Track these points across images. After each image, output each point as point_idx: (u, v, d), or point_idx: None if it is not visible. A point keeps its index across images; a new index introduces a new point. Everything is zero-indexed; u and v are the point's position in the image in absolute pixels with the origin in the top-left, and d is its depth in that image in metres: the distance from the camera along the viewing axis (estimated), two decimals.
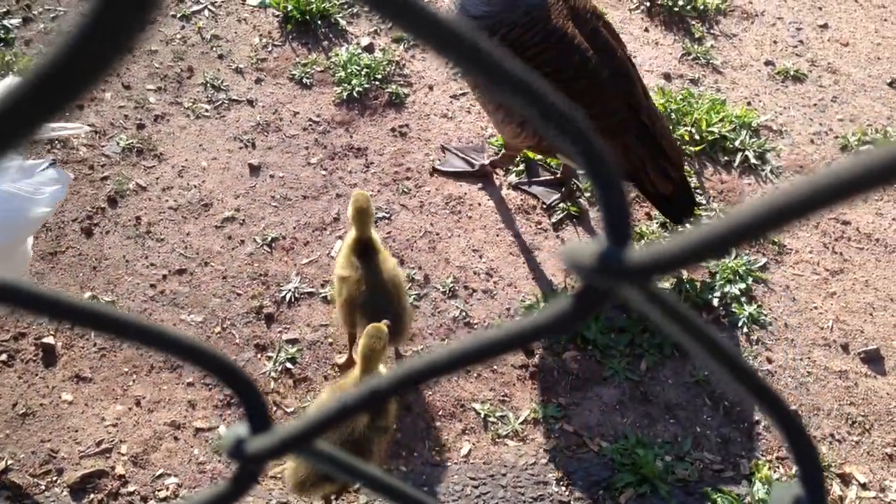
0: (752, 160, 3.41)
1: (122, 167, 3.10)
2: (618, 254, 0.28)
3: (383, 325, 2.25)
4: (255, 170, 3.17)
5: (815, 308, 3.01)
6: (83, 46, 0.23)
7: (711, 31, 3.92)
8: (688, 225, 3.02)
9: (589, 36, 2.68)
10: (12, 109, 0.24)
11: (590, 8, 2.76)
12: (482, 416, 2.64)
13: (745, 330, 2.91)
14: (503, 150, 3.16)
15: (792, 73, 3.76)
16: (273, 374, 2.66)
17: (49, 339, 2.64)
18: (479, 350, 0.33)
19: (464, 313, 2.88)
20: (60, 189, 2.19)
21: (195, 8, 3.62)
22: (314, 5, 3.65)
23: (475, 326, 2.85)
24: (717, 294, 2.96)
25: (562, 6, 2.67)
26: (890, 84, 3.77)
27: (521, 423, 2.64)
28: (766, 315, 2.96)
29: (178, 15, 3.60)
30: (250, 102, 3.37)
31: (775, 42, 3.90)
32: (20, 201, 2.09)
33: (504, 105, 2.81)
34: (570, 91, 2.63)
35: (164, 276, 2.84)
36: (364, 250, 2.49)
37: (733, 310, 2.95)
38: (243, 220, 3.02)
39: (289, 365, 2.69)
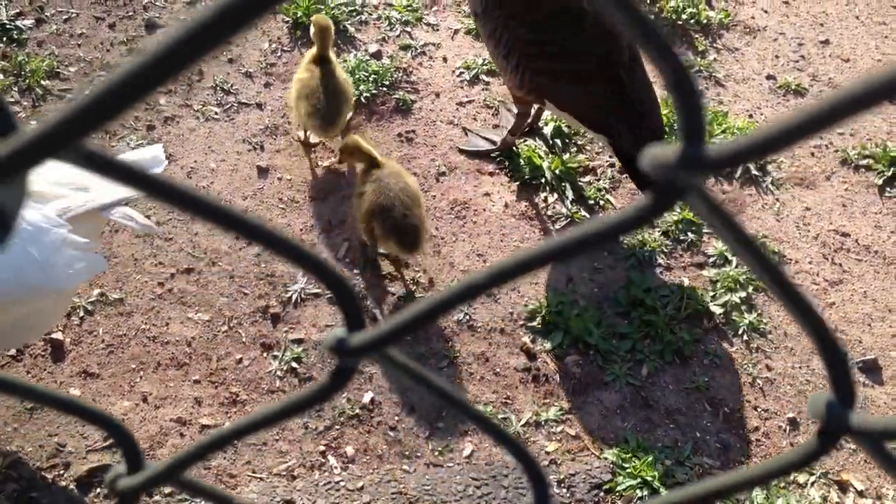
0: (754, 171, 3.45)
1: None
2: (696, 150, 0.32)
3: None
4: (263, 172, 3.21)
5: None
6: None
7: (714, 45, 3.97)
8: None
9: None
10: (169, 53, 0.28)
11: None
12: None
13: (745, 338, 2.95)
14: (516, 116, 3.25)
15: (793, 87, 3.81)
16: (279, 373, 2.69)
17: (57, 335, 2.67)
18: (567, 247, 0.36)
19: (468, 317, 2.91)
20: (84, 274, 2.13)
21: None
22: (323, 12, 3.70)
23: (478, 329, 2.88)
24: (719, 302, 3.00)
25: None
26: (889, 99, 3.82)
27: (523, 426, 2.67)
28: (766, 323, 3.00)
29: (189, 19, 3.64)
30: (259, 106, 3.42)
31: (777, 57, 3.96)
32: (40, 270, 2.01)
33: (495, 34, 2.89)
34: (552, 24, 2.73)
35: (172, 275, 2.87)
36: (321, 63, 3.06)
37: (734, 318, 2.98)
38: None
39: (294, 364, 2.72)
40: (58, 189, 2.13)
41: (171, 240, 2.96)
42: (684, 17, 3.98)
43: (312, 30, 3.14)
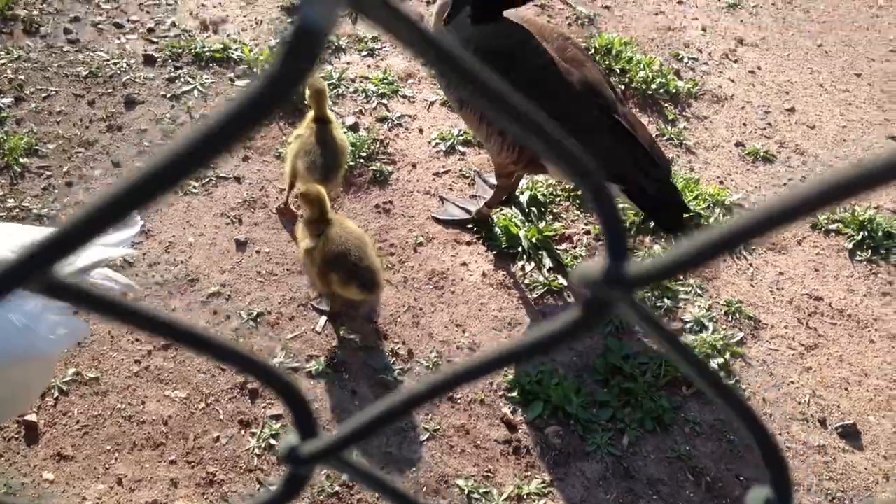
0: None
1: None
2: (619, 267, 0.34)
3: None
4: (241, 245, 3.22)
5: (792, 383, 3.07)
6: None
7: (684, 114, 4.06)
8: (679, 235, 3.14)
9: (557, 49, 2.88)
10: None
11: (557, 32, 2.99)
12: (466, 492, 2.64)
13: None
14: (494, 188, 3.31)
15: (762, 153, 3.90)
16: (256, 450, 2.66)
17: (31, 417, 2.62)
18: (502, 358, 0.37)
19: None
20: (68, 340, 2.09)
21: (185, 88, 3.72)
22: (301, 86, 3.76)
23: (458, 401, 2.87)
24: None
25: (528, 27, 2.94)
26: None
27: (505, 500, 2.64)
28: (744, 390, 3.01)
29: (169, 95, 3.68)
30: (237, 179, 3.44)
31: (745, 124, 4.06)
32: (17, 335, 1.97)
33: (486, 117, 2.95)
34: (536, 89, 2.79)
35: (149, 352, 2.85)
36: (319, 122, 3.16)
37: None
38: (229, 296, 3.05)
39: (273, 441, 2.68)
40: None
41: None
42: (654, 86, 4.08)
43: (307, 92, 3.19)
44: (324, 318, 3.04)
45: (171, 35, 3.98)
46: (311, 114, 3.20)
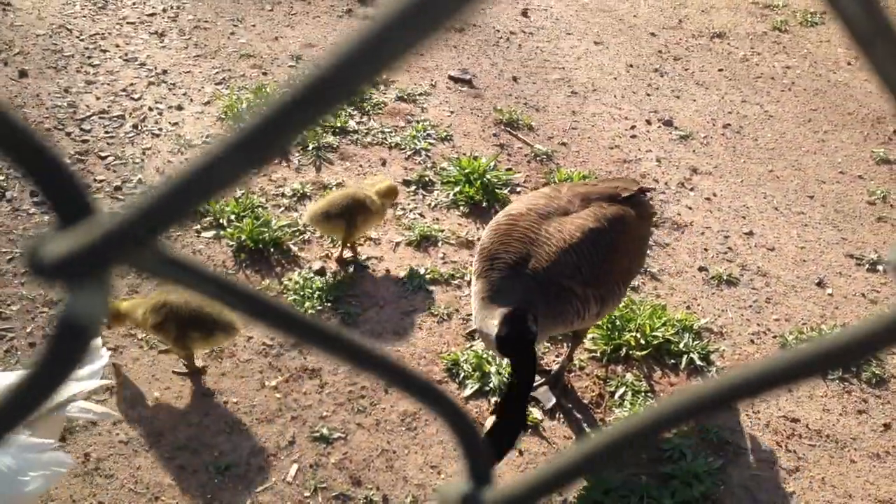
0: (698, 361, 3.51)
1: None
2: (478, 495, 0.33)
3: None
4: (208, 397, 3.16)
5: None
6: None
7: None
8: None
9: (583, 200, 2.94)
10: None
11: (562, 191, 3.02)
12: None
13: None
14: (570, 346, 3.36)
15: (725, 277, 3.96)
16: None
17: None
18: None
19: None
20: (53, 474, 2.12)
21: None
22: (267, 234, 3.81)
23: None
24: (679, 499, 2.94)
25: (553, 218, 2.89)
26: (818, 284, 3.99)
27: None
28: None
29: None
30: None
31: (706, 249, 4.14)
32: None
33: (600, 296, 2.85)
34: (633, 239, 2.99)
35: None
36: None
37: None
38: (196, 449, 2.97)
39: None
40: None
41: (111, 476, 2.85)
42: None
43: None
44: (294, 468, 2.96)
45: (138, 192, 4.05)
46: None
